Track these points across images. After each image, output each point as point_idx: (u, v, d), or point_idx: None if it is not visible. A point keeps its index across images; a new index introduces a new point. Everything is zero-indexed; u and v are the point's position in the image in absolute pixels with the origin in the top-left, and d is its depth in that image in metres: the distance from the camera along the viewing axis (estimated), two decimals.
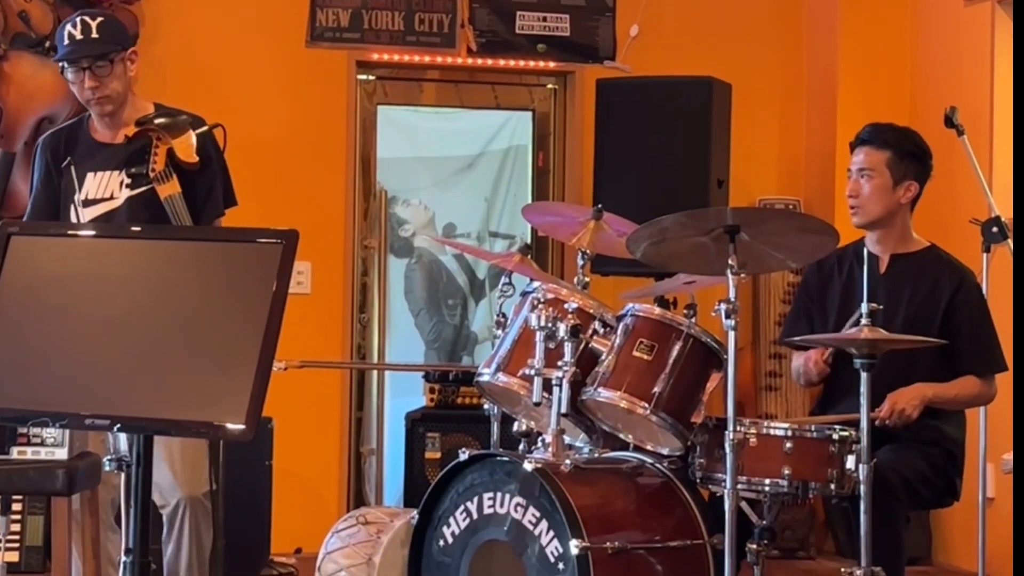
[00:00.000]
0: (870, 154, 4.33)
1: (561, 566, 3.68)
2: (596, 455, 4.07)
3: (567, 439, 3.96)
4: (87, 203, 4.25)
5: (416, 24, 6.72)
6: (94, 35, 4.20)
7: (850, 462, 3.72)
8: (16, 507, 5.55)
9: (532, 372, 3.84)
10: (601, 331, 3.94)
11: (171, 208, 4.16)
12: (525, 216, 4.99)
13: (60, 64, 4.28)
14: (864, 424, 3.69)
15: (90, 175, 4.26)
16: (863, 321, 3.74)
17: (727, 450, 3.65)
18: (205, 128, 4.29)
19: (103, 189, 4.23)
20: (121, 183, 4.22)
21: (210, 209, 4.31)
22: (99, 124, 4.33)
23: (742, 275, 3.72)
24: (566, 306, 3.92)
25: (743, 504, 3.73)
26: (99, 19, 4.24)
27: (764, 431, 3.75)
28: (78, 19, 4.23)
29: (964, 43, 6.38)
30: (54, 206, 4.30)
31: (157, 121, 4.21)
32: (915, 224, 4.41)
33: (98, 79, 4.21)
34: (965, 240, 4.98)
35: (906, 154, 4.32)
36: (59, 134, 4.43)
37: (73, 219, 4.24)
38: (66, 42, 4.23)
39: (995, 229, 4.92)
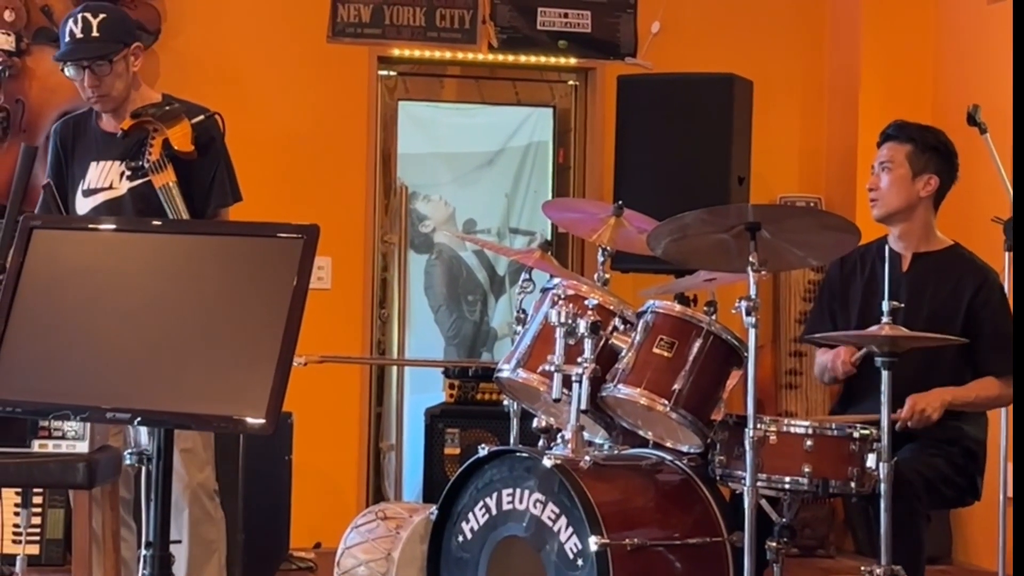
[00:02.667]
0: (892, 148, 4.33)
1: (580, 563, 3.67)
2: (615, 452, 4.07)
3: (587, 436, 3.95)
4: (87, 192, 4.23)
5: (437, 20, 6.73)
6: (94, 33, 4.14)
7: (870, 460, 3.70)
8: (37, 500, 5.57)
9: (552, 368, 3.83)
10: (621, 328, 3.93)
11: (166, 197, 4.11)
12: (545, 212, 4.99)
13: (61, 64, 4.23)
14: (884, 422, 3.68)
15: (93, 164, 4.25)
16: (884, 319, 3.72)
17: (747, 447, 3.64)
18: (202, 117, 4.22)
19: (103, 179, 4.22)
20: (121, 174, 4.20)
21: (215, 199, 4.23)
22: (104, 114, 4.31)
23: (763, 272, 3.71)
24: (586, 302, 3.91)
25: (763, 502, 3.73)
26: (101, 16, 4.17)
27: (784, 429, 3.74)
28: (79, 15, 4.16)
29: (987, 41, 6.35)
30: (63, 194, 4.28)
31: (151, 112, 4.17)
32: (937, 222, 4.40)
33: (98, 78, 4.17)
34: (987, 239, 4.97)
35: (928, 148, 4.31)
36: (69, 122, 4.41)
37: (76, 209, 4.23)
38: (67, 39, 4.19)
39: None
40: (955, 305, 4.23)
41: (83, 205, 4.24)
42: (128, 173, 4.18)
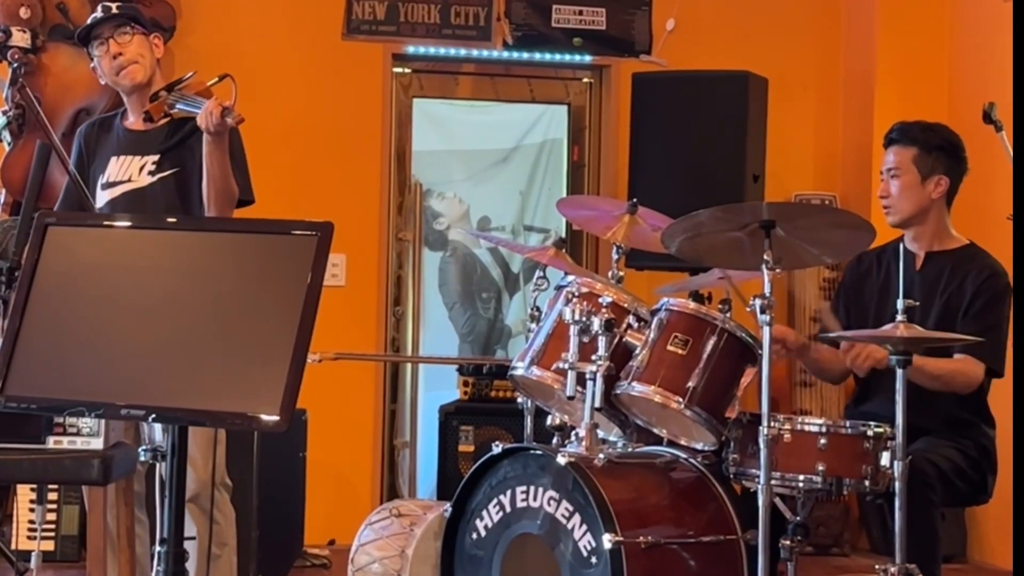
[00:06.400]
0: (897, 152, 4.31)
1: (594, 560, 3.67)
2: (629, 449, 4.06)
3: (601, 433, 3.94)
4: (106, 186, 4.30)
5: (452, 17, 6.73)
6: (114, 11, 4.32)
7: (885, 459, 3.70)
8: (52, 496, 5.58)
9: (566, 366, 3.83)
10: (635, 325, 3.93)
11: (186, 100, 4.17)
12: (560, 210, 4.99)
13: (87, 50, 4.36)
14: (899, 420, 3.67)
15: (113, 159, 4.32)
16: (899, 318, 3.72)
17: (761, 445, 3.64)
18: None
19: (123, 172, 4.28)
20: (141, 168, 4.26)
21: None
22: (131, 111, 4.38)
23: (777, 270, 3.71)
24: (600, 300, 3.91)
25: (777, 500, 3.72)
26: (118, 3, 4.37)
27: (798, 427, 3.74)
28: (99, 5, 4.39)
29: (1003, 38, 6.32)
30: (82, 193, 4.34)
31: (165, 87, 4.25)
32: (952, 220, 4.38)
33: (121, 46, 4.28)
34: (1003, 237, 4.94)
35: (933, 148, 4.29)
36: (94, 123, 4.52)
37: (96, 203, 4.29)
38: (89, 24, 4.36)
39: None
40: (960, 300, 4.22)
41: (102, 198, 4.29)
42: (151, 168, 4.24)
